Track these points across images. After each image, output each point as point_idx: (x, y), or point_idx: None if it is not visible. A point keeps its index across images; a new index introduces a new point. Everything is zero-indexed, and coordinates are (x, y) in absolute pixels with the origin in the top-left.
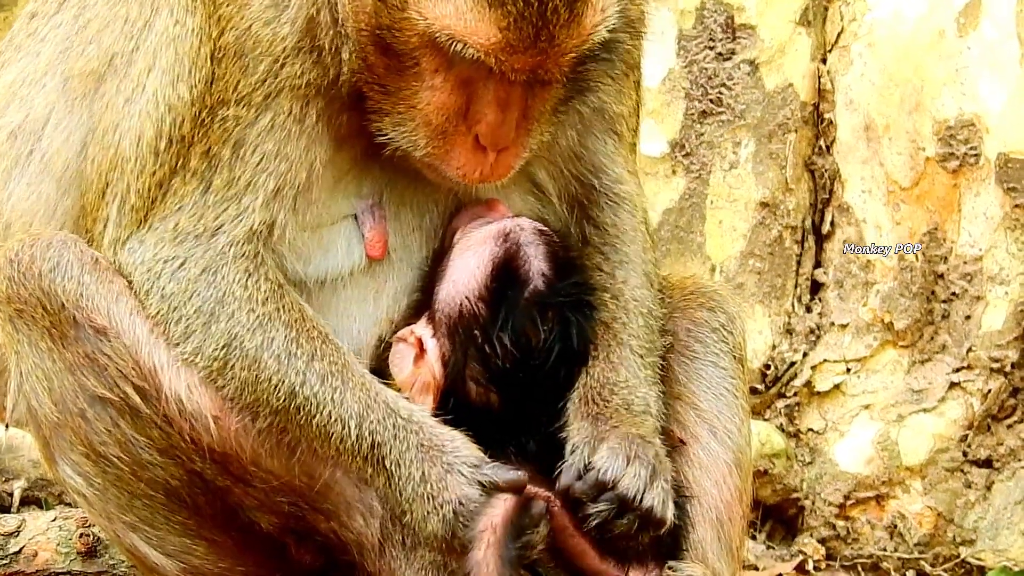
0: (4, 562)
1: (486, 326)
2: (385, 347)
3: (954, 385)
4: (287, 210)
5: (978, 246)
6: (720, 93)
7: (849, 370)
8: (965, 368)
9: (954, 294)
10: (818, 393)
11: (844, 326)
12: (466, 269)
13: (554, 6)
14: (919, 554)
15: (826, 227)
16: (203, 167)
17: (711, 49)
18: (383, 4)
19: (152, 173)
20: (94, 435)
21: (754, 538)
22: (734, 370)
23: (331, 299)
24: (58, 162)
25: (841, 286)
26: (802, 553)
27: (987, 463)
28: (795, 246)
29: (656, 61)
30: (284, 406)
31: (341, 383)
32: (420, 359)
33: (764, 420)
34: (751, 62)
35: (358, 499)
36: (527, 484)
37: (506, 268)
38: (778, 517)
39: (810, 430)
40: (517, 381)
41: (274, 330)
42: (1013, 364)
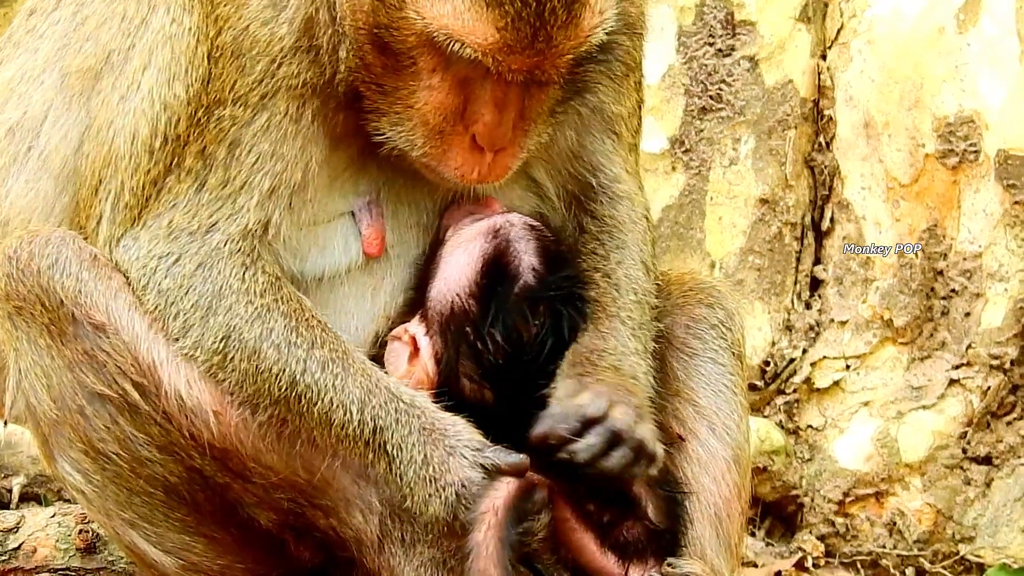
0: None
1: (477, 322)
2: (382, 344)
3: (953, 382)
4: (282, 209)
5: (978, 243)
6: (720, 89)
7: (848, 367)
8: (965, 365)
9: (954, 291)
10: (817, 390)
11: (844, 323)
12: (456, 266)
13: (552, 7)
14: (918, 551)
15: (826, 224)
16: (198, 166)
17: (711, 45)
18: (381, 3)
19: (146, 171)
20: (93, 432)
21: (753, 535)
22: (733, 366)
23: (329, 296)
24: (56, 159)
25: (841, 283)
26: (801, 550)
27: (986, 460)
28: (795, 243)
29: (656, 57)
30: (285, 395)
31: (342, 369)
32: (414, 357)
33: (763, 417)
34: (751, 58)
35: (357, 495)
36: (528, 468)
37: (496, 264)
38: (777, 514)
39: (809, 427)
40: (510, 376)
41: (273, 320)
42: (1013, 361)
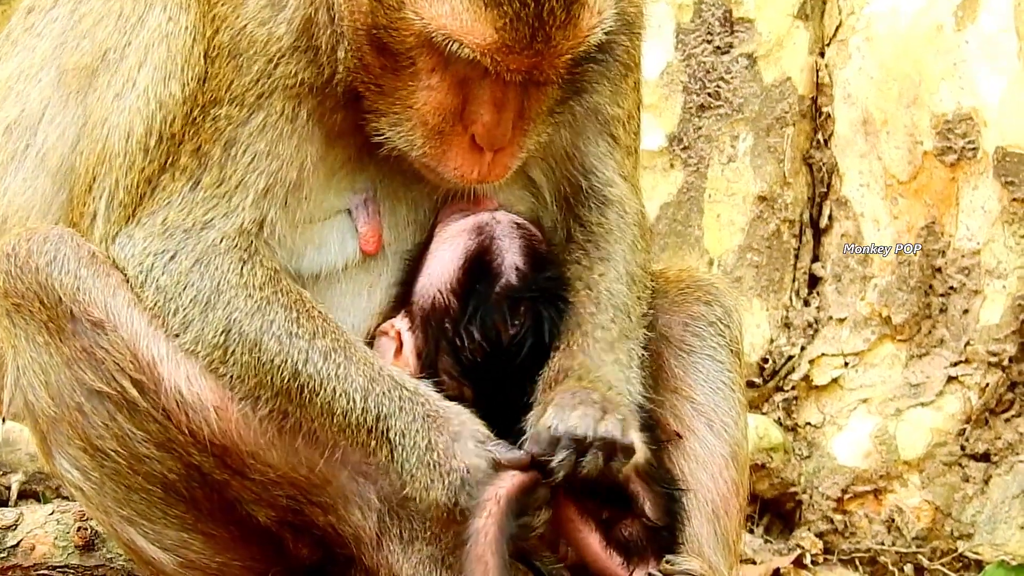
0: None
1: (457, 319)
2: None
3: (952, 379)
4: (277, 208)
5: (976, 240)
6: (718, 87)
7: (847, 364)
8: (963, 362)
9: (952, 288)
10: (816, 387)
11: (842, 320)
12: (440, 262)
13: (550, 8)
14: (917, 548)
15: (824, 221)
16: (193, 165)
17: (709, 43)
18: (379, 4)
19: (141, 169)
20: (91, 429)
21: (751, 532)
22: (731, 364)
23: (326, 293)
24: (53, 157)
25: (839, 280)
26: (800, 547)
27: (985, 457)
28: (793, 240)
29: (654, 55)
30: (287, 387)
31: (345, 359)
32: (399, 353)
33: (762, 414)
34: (749, 56)
35: (356, 492)
36: (528, 464)
37: (478, 261)
38: (776, 511)
39: (808, 424)
40: (488, 375)
41: (273, 312)
42: (1011, 358)
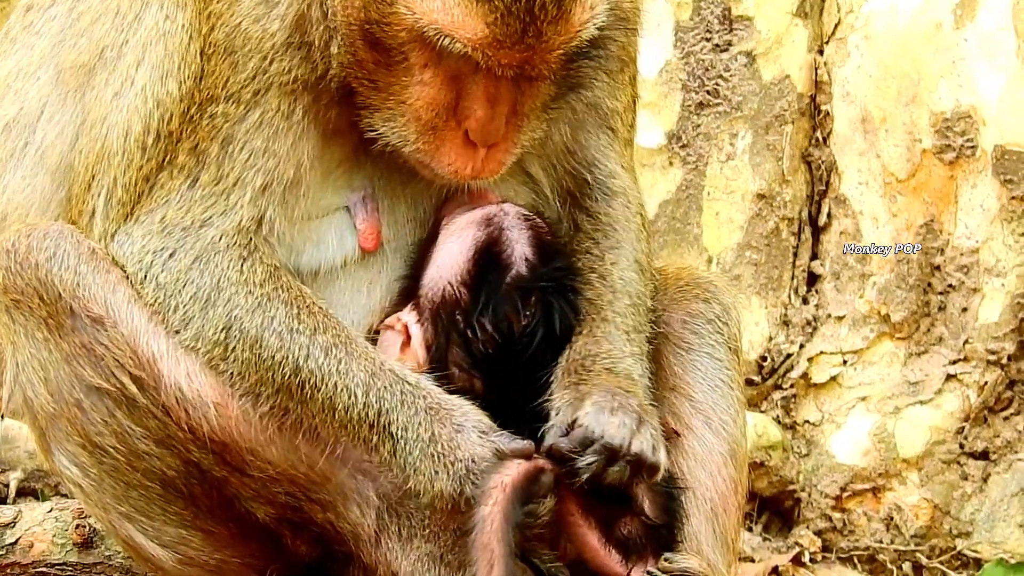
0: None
1: (468, 311)
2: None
3: (951, 377)
4: (275, 205)
5: (975, 238)
6: (717, 85)
7: (846, 362)
8: (962, 360)
9: (951, 286)
10: (814, 385)
11: (841, 318)
12: (449, 254)
13: (542, 3)
14: (915, 546)
15: (823, 219)
16: (191, 163)
17: (708, 40)
18: None
19: (139, 168)
20: (90, 425)
21: (750, 530)
22: (729, 361)
23: (325, 290)
24: (52, 155)
25: (838, 278)
26: (798, 545)
27: (984, 455)
28: (792, 238)
29: (653, 53)
30: (288, 383)
31: (346, 354)
32: (406, 346)
33: (760, 412)
34: (748, 54)
35: (355, 489)
36: (532, 454)
37: (488, 252)
38: (774, 509)
39: (806, 422)
40: (500, 366)
41: (274, 309)
42: (1010, 356)
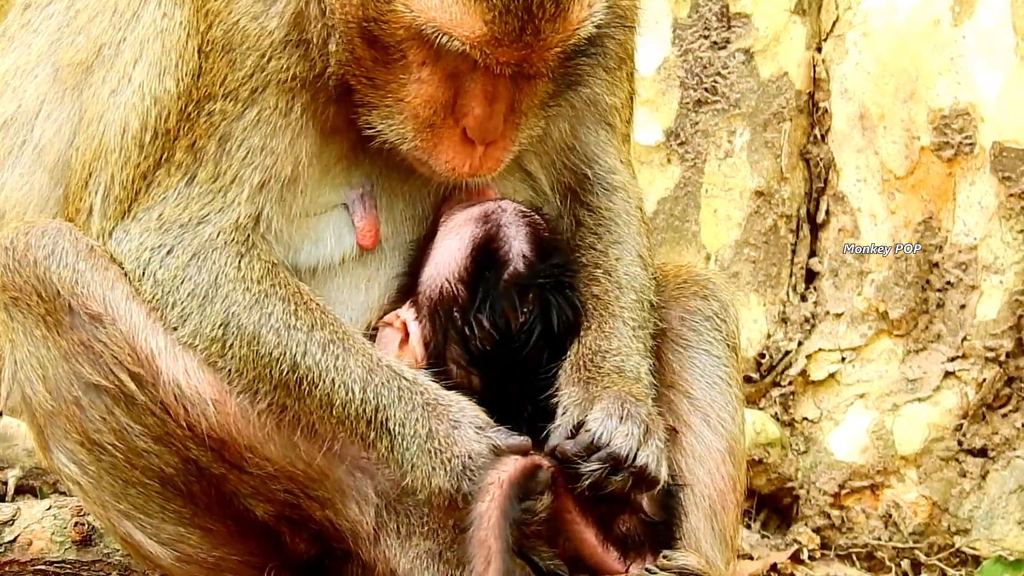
0: None
1: (466, 308)
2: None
3: (949, 374)
4: (273, 202)
5: (973, 235)
6: (715, 82)
7: (844, 359)
8: (960, 357)
9: (949, 283)
10: (813, 382)
11: (839, 315)
12: (447, 251)
13: (540, 1)
14: (914, 543)
15: (821, 216)
16: (188, 160)
17: (706, 38)
18: None
19: (136, 165)
20: (89, 423)
21: (749, 527)
22: (728, 358)
23: (323, 287)
24: (50, 153)
25: (836, 275)
26: (797, 542)
27: (982, 452)
28: (790, 235)
29: (651, 50)
30: (286, 379)
31: (343, 350)
32: (405, 343)
33: (759, 409)
34: (746, 51)
35: (353, 486)
36: (530, 450)
37: (486, 249)
38: (773, 506)
39: (805, 419)
40: (498, 363)
41: (271, 305)
42: (1008, 353)
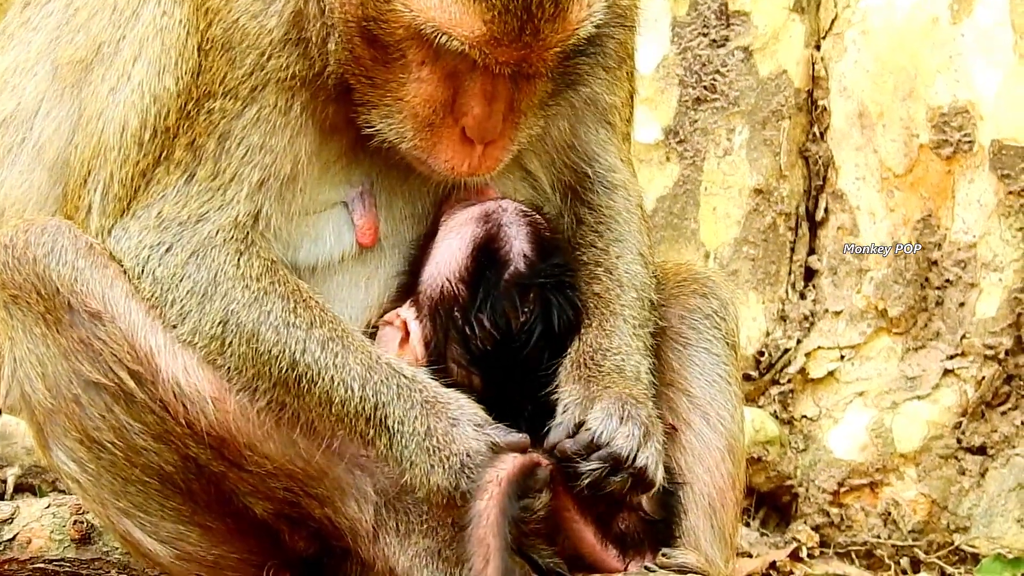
0: None
1: (466, 307)
2: (373, 331)
3: (948, 372)
4: (272, 200)
5: (972, 233)
6: (714, 80)
7: (843, 357)
8: (959, 355)
9: (948, 281)
10: (812, 380)
11: (838, 313)
12: (448, 250)
13: (539, 1)
14: (913, 541)
15: (820, 214)
16: (188, 158)
17: (705, 36)
18: None
19: (136, 163)
20: (88, 421)
21: (748, 525)
22: (727, 356)
23: (322, 286)
24: (50, 151)
25: (835, 273)
26: (796, 540)
27: (981, 450)
28: (789, 233)
29: (650, 48)
30: (285, 377)
31: (342, 348)
32: (405, 342)
33: (758, 407)
34: (745, 49)
35: (352, 484)
36: (528, 447)
37: (486, 249)
38: (772, 504)
39: (804, 417)
40: (498, 363)
41: (271, 303)
42: (1007, 351)
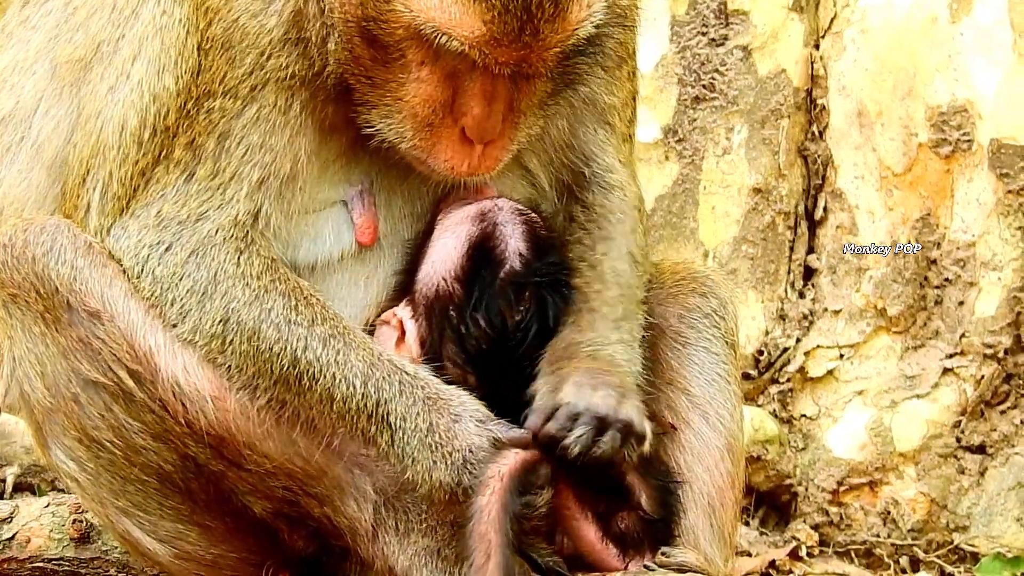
0: None
1: (461, 306)
2: (371, 330)
3: (947, 371)
4: (272, 199)
5: (971, 232)
6: (713, 79)
7: (842, 356)
8: (958, 354)
9: (947, 280)
10: (811, 379)
11: (837, 312)
12: (444, 249)
13: (539, 1)
14: (912, 540)
15: (819, 213)
16: (187, 157)
17: (704, 35)
18: None
19: (135, 162)
20: (87, 420)
21: (747, 524)
22: (726, 355)
23: (321, 285)
24: (49, 150)
25: (834, 272)
26: (795, 539)
27: (980, 449)
28: (788, 232)
29: (649, 47)
30: (286, 375)
31: (344, 345)
32: (401, 341)
33: (757, 406)
34: (744, 48)
35: (352, 483)
36: (530, 443)
37: (482, 248)
38: (771, 503)
39: (803, 416)
40: (494, 362)
41: (271, 300)
42: (1006, 350)
